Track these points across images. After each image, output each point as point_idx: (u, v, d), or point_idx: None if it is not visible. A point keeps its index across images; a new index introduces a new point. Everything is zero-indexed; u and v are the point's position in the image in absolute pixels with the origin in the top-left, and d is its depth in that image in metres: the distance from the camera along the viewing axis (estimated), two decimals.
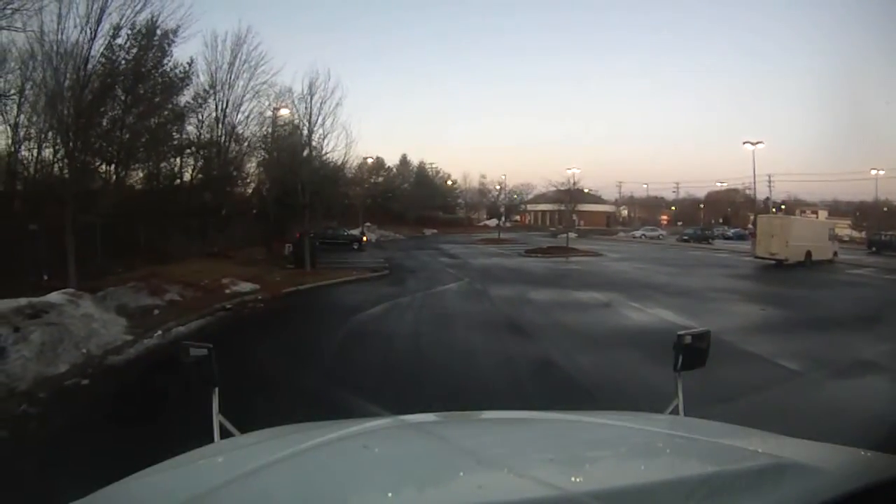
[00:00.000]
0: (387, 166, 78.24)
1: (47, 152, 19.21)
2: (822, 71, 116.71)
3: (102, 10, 16.10)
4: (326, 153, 26.76)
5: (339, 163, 30.96)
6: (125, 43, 18.90)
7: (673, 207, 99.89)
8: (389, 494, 1.54)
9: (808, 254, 30.05)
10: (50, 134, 18.31)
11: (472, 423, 2.39)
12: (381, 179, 74.78)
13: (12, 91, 18.31)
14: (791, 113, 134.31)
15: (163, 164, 26.07)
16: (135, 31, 18.94)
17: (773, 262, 29.27)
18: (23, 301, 9.69)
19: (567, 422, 2.27)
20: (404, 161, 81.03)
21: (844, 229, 69.62)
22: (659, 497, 1.37)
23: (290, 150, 28.44)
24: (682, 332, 2.39)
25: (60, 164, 17.63)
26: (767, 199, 70.13)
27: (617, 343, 11.03)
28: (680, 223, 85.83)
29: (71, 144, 15.35)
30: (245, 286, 17.11)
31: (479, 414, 2.56)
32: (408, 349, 10.65)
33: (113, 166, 20.71)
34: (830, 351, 10.70)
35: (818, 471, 1.48)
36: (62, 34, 15.70)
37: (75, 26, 15.89)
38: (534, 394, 7.75)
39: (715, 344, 2.48)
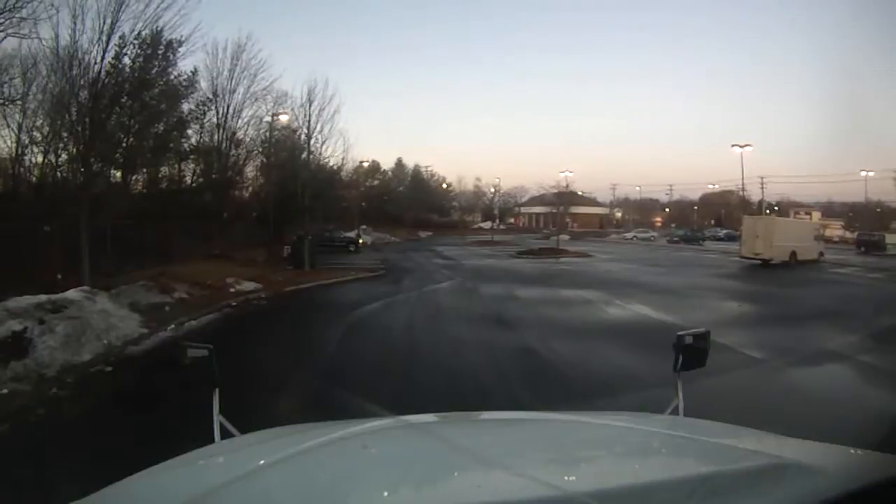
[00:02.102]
0: (382, 169, 78.54)
1: (54, 157, 20.05)
2: (819, 72, 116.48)
3: (114, 24, 16.73)
4: (325, 158, 27.62)
5: (337, 167, 31.78)
6: (133, 53, 19.58)
7: (667, 210, 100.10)
8: (389, 494, 1.56)
9: (793, 254, 30.54)
10: (58, 138, 19.10)
11: (472, 423, 2.42)
12: (376, 182, 75.03)
13: (18, 97, 18.95)
14: (787, 115, 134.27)
15: (166, 169, 26.82)
16: (140, 40, 19.48)
17: (759, 261, 29.74)
18: (42, 297, 10.40)
19: (567, 422, 2.30)
20: (399, 164, 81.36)
21: (837, 230, 69.83)
22: (659, 497, 1.39)
23: (289, 155, 29.18)
24: (681, 333, 2.39)
25: (71, 168, 18.34)
26: (761, 200, 71.00)
27: (592, 334, 11.83)
28: (674, 225, 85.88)
29: (83, 149, 16.04)
30: (248, 285, 17.97)
31: (478, 414, 2.63)
32: (403, 339, 11.51)
33: (120, 171, 21.38)
34: (795, 342, 11.39)
35: (818, 471, 1.49)
36: (75, 45, 16.39)
37: (89, 40, 16.56)
38: (512, 374, 8.60)
39: None
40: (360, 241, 41.44)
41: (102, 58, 16.67)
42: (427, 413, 2.38)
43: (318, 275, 22.56)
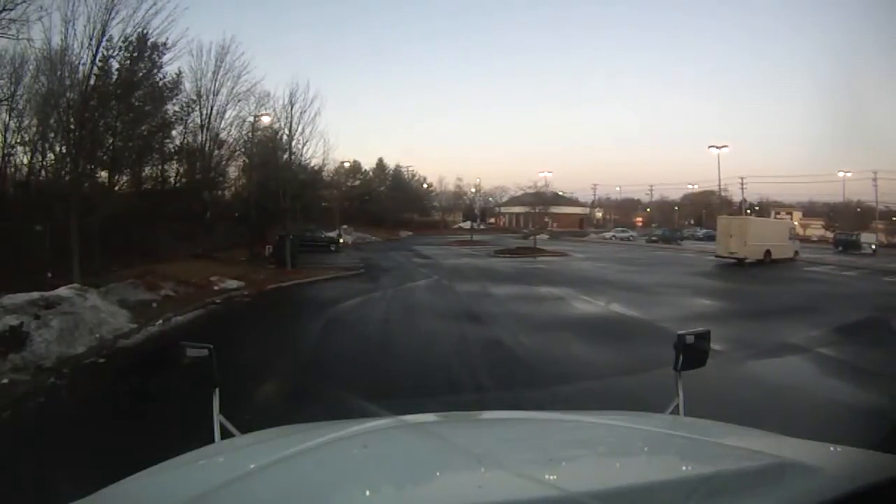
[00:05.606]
0: (363, 170, 78.11)
1: (41, 157, 20.27)
2: (806, 73, 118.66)
3: (105, 29, 17.22)
4: (306, 159, 28.20)
5: (318, 168, 32.18)
6: (121, 56, 20.00)
7: (648, 210, 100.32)
8: (390, 494, 1.55)
9: (768, 252, 31.12)
10: (45, 139, 19.40)
11: (472, 423, 2.41)
12: (357, 183, 74.84)
13: (5, 98, 19.09)
14: (772, 115, 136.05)
15: (151, 170, 26.99)
16: (126, 42, 19.78)
17: (734, 260, 30.12)
18: (35, 295, 10.82)
19: (567, 422, 2.31)
20: (380, 164, 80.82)
21: (817, 229, 71.19)
22: (659, 497, 1.39)
23: (271, 155, 29.54)
24: (682, 332, 2.37)
25: (57, 168, 18.75)
26: (743, 200, 71.95)
27: (558, 328, 12.45)
28: (654, 225, 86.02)
29: (72, 149, 16.50)
30: (232, 283, 18.54)
31: (479, 414, 2.66)
32: (379, 332, 12.15)
33: (106, 172, 21.70)
34: (758, 336, 11.85)
35: (818, 471, 1.49)
36: (66, 48, 16.86)
37: (81, 45, 17.02)
38: (480, 364, 9.19)
39: (651, 329, 2.63)
40: (341, 240, 41.72)
41: (92, 61, 17.14)
42: (427, 413, 2.37)
43: (300, 273, 23.09)
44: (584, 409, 3.31)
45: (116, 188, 22.74)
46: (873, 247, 46.23)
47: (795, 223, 52.66)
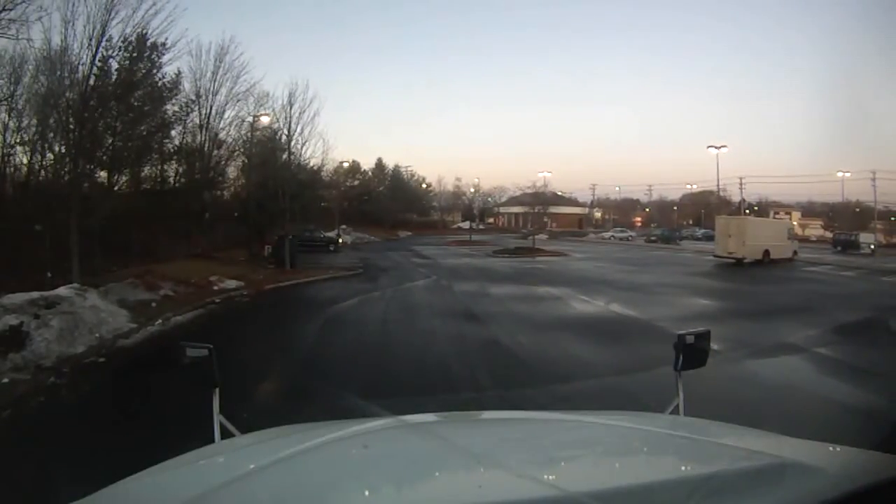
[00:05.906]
0: (362, 170, 77.97)
1: (41, 157, 20.22)
2: (806, 72, 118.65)
3: (104, 29, 17.32)
4: (305, 159, 28.30)
5: (317, 168, 32.21)
6: (121, 56, 20.15)
7: (647, 210, 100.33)
8: (390, 495, 1.55)
9: (766, 252, 31.19)
10: (45, 139, 19.42)
11: (473, 423, 2.42)
12: (356, 183, 74.70)
13: (4, 98, 19.16)
14: (771, 115, 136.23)
15: (150, 170, 27.04)
16: (126, 42, 19.87)
17: (732, 260, 30.13)
18: (35, 294, 10.89)
19: (567, 422, 2.32)
20: (380, 164, 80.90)
21: (816, 229, 71.26)
22: (659, 497, 1.38)
23: (270, 155, 29.61)
24: (682, 332, 2.36)
25: (55, 169, 18.86)
26: (742, 201, 71.98)
27: (556, 327, 12.49)
28: (654, 225, 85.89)
29: (72, 150, 16.58)
30: (231, 283, 18.61)
31: (479, 414, 2.70)
32: (377, 331, 12.22)
33: (106, 172, 21.78)
34: (755, 335, 11.81)
35: (818, 471, 1.50)
36: (65, 48, 16.94)
37: (80, 45, 17.11)
38: (477, 363, 9.22)
39: (647, 329, 2.57)
40: (340, 240, 41.88)
41: (92, 61, 17.22)
42: (427, 413, 2.37)
43: (299, 273, 23.15)
44: (583, 408, 3.34)
45: (116, 188, 22.82)
46: (872, 247, 46.22)
47: (794, 223, 52.57)
